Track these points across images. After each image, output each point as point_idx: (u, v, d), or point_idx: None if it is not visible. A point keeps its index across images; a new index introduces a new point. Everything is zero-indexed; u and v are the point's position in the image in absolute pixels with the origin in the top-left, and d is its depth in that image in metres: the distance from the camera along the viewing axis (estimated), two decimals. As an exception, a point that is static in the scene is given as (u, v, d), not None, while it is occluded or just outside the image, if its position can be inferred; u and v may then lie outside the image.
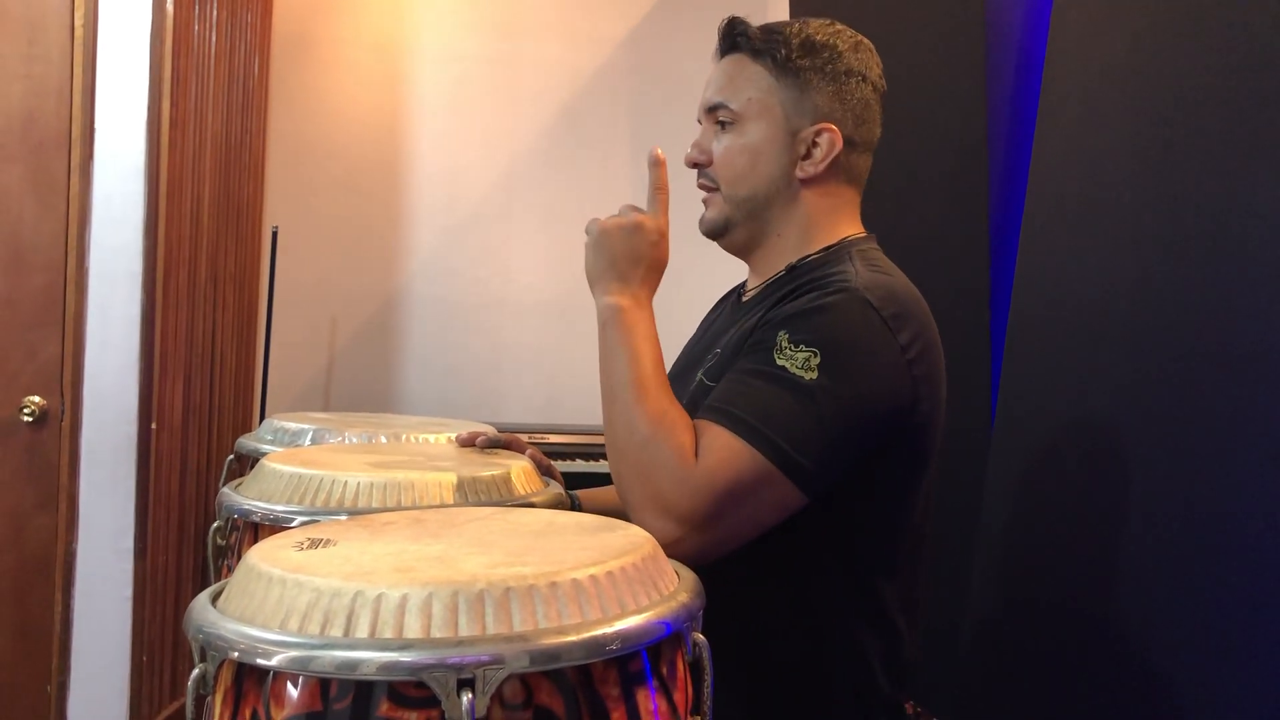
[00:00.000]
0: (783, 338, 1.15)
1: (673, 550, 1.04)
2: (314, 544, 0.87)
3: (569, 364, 3.75)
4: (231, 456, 1.65)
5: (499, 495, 1.18)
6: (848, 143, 1.31)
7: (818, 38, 1.31)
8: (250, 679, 0.77)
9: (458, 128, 3.72)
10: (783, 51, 1.30)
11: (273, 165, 3.63)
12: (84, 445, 2.81)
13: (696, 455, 1.11)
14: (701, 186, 1.39)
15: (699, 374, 1.30)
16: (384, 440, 1.50)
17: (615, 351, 1.19)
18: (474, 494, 1.15)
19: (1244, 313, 1.39)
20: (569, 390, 3.76)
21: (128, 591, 2.83)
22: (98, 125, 2.83)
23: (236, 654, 0.75)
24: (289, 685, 0.75)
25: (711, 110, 1.36)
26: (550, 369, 3.75)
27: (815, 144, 1.31)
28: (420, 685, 0.71)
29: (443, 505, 1.12)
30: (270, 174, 3.63)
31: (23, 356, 2.77)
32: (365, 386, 3.67)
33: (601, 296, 1.24)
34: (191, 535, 3.18)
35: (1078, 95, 1.90)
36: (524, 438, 1.52)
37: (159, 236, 2.89)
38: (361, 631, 0.73)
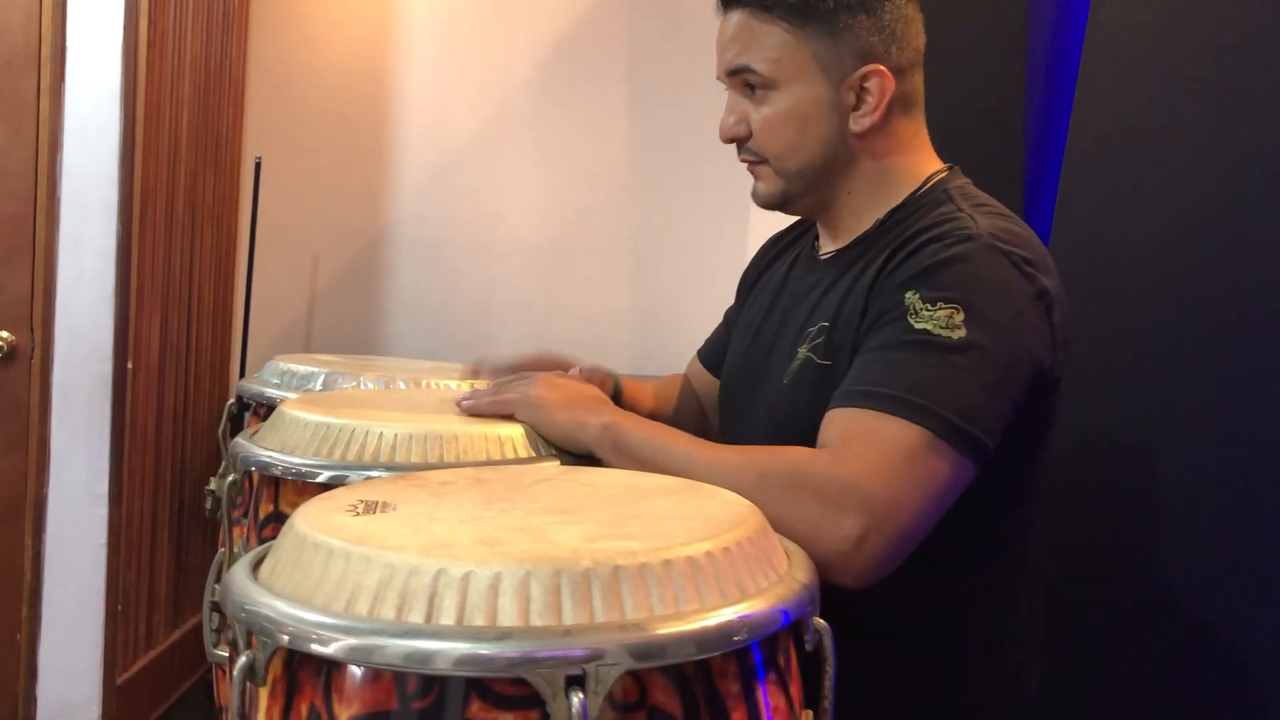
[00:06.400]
0: (914, 299, 1.02)
1: (863, 551, 0.92)
2: (370, 508, 0.75)
3: (560, 307, 3.62)
4: (232, 401, 1.52)
5: (548, 450, 1.07)
6: (897, 72, 1.17)
7: None
8: (306, 669, 0.66)
9: (448, 59, 3.55)
10: None
11: (253, 94, 3.44)
12: (55, 384, 2.66)
13: (842, 445, 0.98)
14: (745, 161, 1.24)
15: (802, 350, 1.16)
16: (402, 385, 1.38)
17: (649, 454, 1.03)
18: (524, 448, 1.04)
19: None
20: (559, 334, 3.64)
21: (102, 539, 2.69)
22: (69, 44, 2.64)
23: (286, 638, 0.64)
24: (354, 677, 0.63)
25: (735, 74, 1.20)
26: (541, 312, 3.62)
27: (864, 89, 1.16)
28: (519, 682, 0.60)
29: (490, 461, 1.01)
30: (250, 103, 3.45)
31: (-10, 289, 2.60)
32: (349, 328, 3.53)
33: (584, 432, 1.07)
34: (168, 480, 3.05)
35: (1129, 31, 1.78)
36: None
37: (136, 165, 2.72)
38: (446, 617, 0.61)
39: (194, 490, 3.23)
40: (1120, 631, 1.61)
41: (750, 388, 1.28)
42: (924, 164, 1.21)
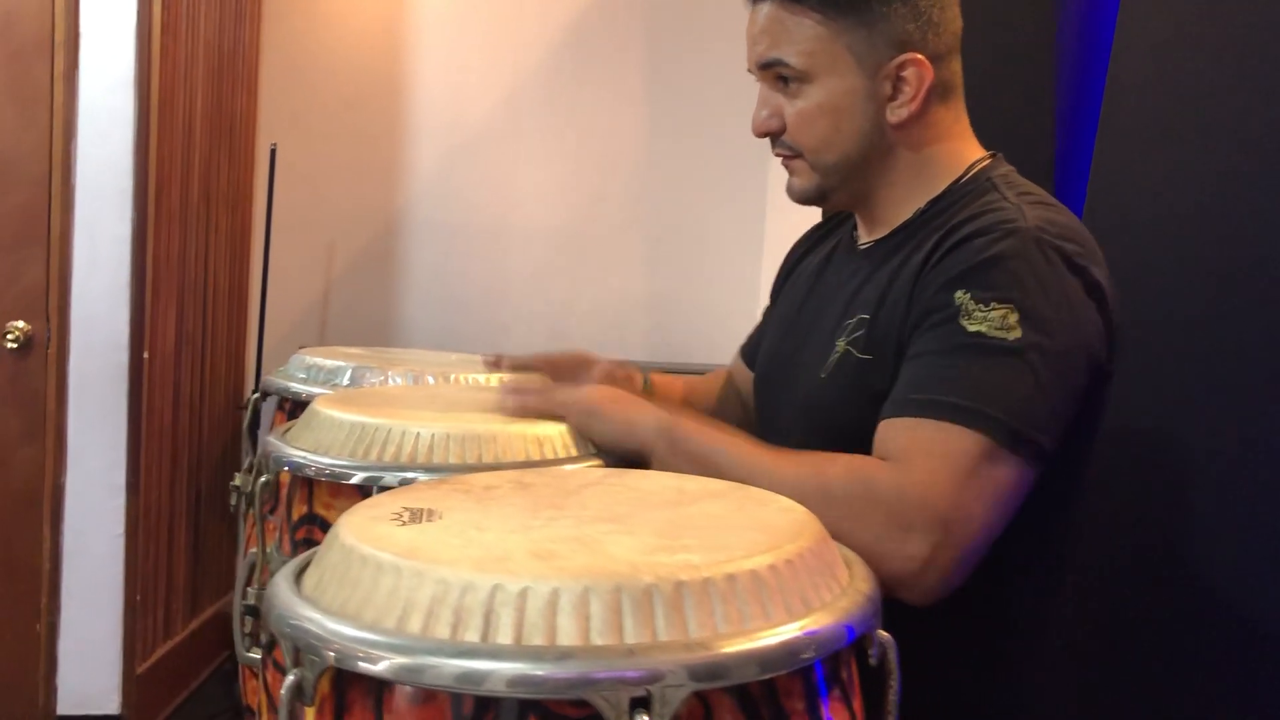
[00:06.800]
0: (965, 299, 0.99)
1: (931, 570, 0.90)
2: (415, 516, 0.73)
3: (574, 294, 3.59)
4: (257, 394, 1.50)
5: (588, 450, 1.04)
6: (934, 60, 1.13)
7: None
8: (356, 688, 0.63)
9: (461, 43, 3.51)
10: None
11: (266, 80, 3.41)
12: (72, 374, 2.64)
13: (901, 457, 0.95)
14: (779, 155, 1.20)
15: (840, 343, 1.13)
16: (431, 379, 1.35)
17: (706, 456, 1.00)
18: (564, 449, 1.01)
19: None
20: (573, 321, 3.61)
21: (120, 529, 2.68)
22: (83, 30, 2.62)
23: (333, 655, 0.61)
24: (407, 698, 0.61)
25: (766, 67, 1.16)
26: (556, 299, 3.59)
27: (901, 79, 1.12)
28: (579, 703, 0.57)
29: (529, 461, 0.98)
30: (264, 89, 3.41)
31: (5, 279, 2.58)
32: (363, 315, 3.50)
33: (641, 432, 1.04)
34: (185, 470, 3.03)
35: (1162, 12, 1.74)
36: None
37: (150, 152, 2.69)
38: (503, 635, 0.59)
39: (211, 479, 3.22)
40: (1162, 630, 1.59)
41: (785, 381, 1.25)
42: (965, 152, 1.17)
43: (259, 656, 1.05)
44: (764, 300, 3.68)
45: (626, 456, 1.03)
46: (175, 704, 2.97)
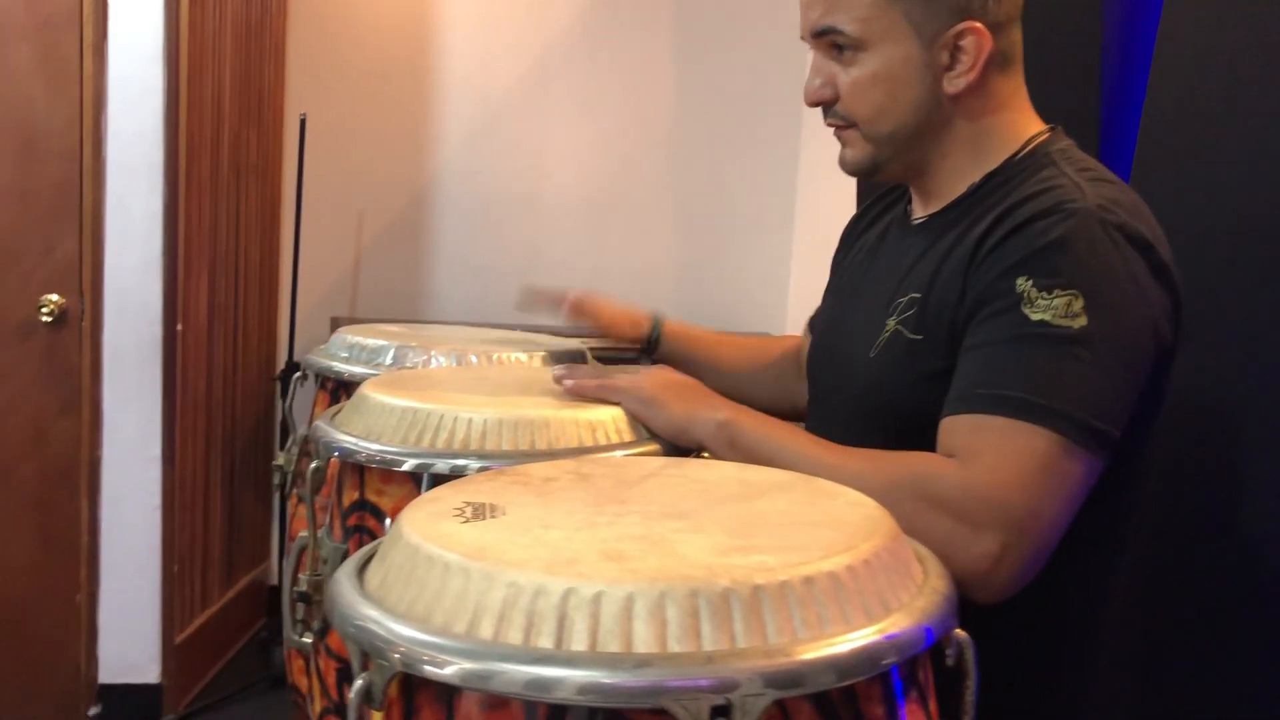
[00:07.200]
0: (1027, 286, 0.96)
1: (1001, 570, 0.89)
2: (478, 512, 0.71)
3: (605, 262, 3.57)
4: (298, 373, 1.49)
5: (640, 435, 1.03)
6: (994, 28, 1.09)
7: None
8: (424, 692, 0.62)
9: (489, 9, 3.46)
10: None
11: (294, 49, 3.38)
12: (106, 347, 2.65)
13: (968, 455, 0.93)
14: (831, 125, 1.16)
15: (891, 322, 1.11)
16: (474, 359, 1.34)
17: (767, 454, 0.98)
18: (617, 434, 1.00)
19: None
20: (605, 289, 3.57)
21: (156, 500, 2.70)
22: (111, 1, 2.60)
23: (398, 657, 0.60)
24: (478, 704, 0.60)
25: (820, 35, 1.12)
26: (586, 267, 3.56)
27: (959, 48, 1.08)
28: (659, 712, 0.56)
29: (583, 447, 0.97)
30: (291, 59, 3.39)
31: (39, 252, 2.58)
32: (394, 285, 3.49)
33: (699, 428, 1.02)
34: (219, 441, 3.04)
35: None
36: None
37: (180, 123, 2.68)
38: (578, 641, 0.58)
39: (245, 449, 3.23)
40: (1216, 620, 1.56)
41: (836, 359, 1.23)
42: (1023, 124, 1.14)
43: (310, 641, 1.05)
44: (796, 268, 3.66)
45: (682, 449, 1.01)
46: (213, 673, 3.00)
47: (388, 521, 0.98)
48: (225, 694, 2.90)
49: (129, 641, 2.72)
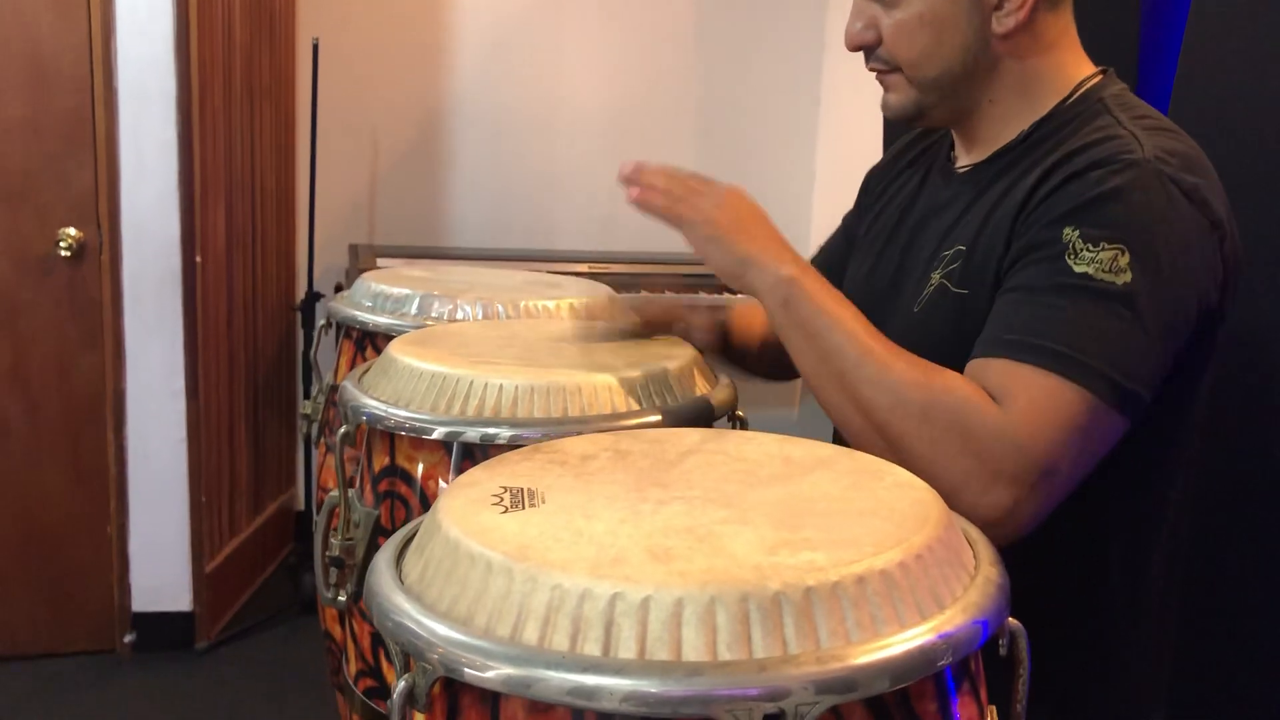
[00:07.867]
0: (1073, 236, 0.93)
1: (1007, 521, 0.88)
2: (517, 500, 0.70)
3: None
4: (324, 322, 1.47)
5: (673, 400, 1.00)
6: None
7: None
8: (468, 694, 0.61)
9: (503, -78, 3.37)
10: None
11: (303, -33, 3.30)
12: (126, 280, 2.64)
13: (999, 400, 0.91)
14: (874, 69, 1.11)
15: (935, 275, 1.07)
16: (501, 310, 1.31)
17: (818, 328, 0.95)
18: (646, 399, 0.98)
19: None
20: (625, 212, 3.53)
21: (181, 433, 2.71)
22: (115, -78, 2.52)
23: (438, 658, 0.59)
24: (522, 708, 0.59)
25: None
26: (606, 191, 3.50)
27: None
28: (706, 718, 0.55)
29: (615, 413, 0.95)
30: (300, -23, 3.30)
31: (56, 186, 2.55)
32: (411, 210, 3.45)
33: (756, 279, 0.98)
34: (242, 371, 3.04)
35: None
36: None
37: (191, 49, 2.62)
38: (625, 649, 0.56)
39: (268, 378, 3.23)
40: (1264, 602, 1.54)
41: (875, 314, 1.20)
42: (1073, 67, 1.09)
43: (345, 601, 1.05)
44: (818, 189, 3.57)
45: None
46: (244, 599, 3.05)
47: (419, 486, 0.97)
48: (257, 619, 2.95)
49: (160, 571, 2.76)
